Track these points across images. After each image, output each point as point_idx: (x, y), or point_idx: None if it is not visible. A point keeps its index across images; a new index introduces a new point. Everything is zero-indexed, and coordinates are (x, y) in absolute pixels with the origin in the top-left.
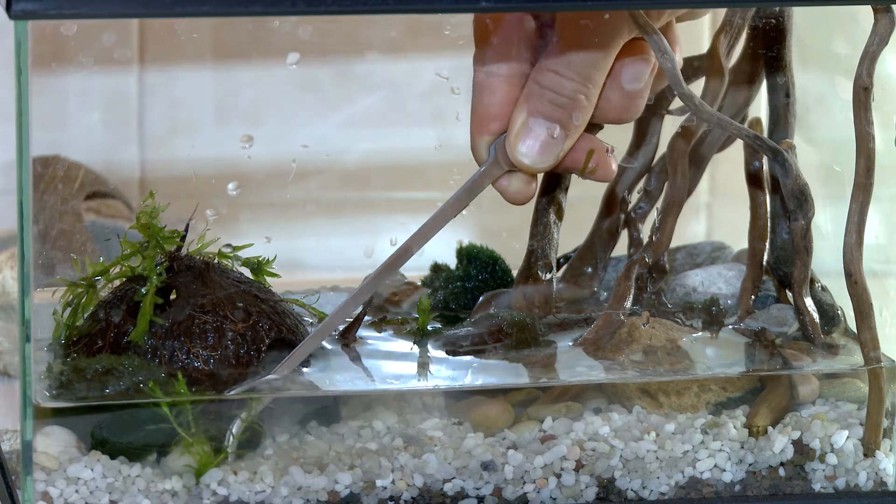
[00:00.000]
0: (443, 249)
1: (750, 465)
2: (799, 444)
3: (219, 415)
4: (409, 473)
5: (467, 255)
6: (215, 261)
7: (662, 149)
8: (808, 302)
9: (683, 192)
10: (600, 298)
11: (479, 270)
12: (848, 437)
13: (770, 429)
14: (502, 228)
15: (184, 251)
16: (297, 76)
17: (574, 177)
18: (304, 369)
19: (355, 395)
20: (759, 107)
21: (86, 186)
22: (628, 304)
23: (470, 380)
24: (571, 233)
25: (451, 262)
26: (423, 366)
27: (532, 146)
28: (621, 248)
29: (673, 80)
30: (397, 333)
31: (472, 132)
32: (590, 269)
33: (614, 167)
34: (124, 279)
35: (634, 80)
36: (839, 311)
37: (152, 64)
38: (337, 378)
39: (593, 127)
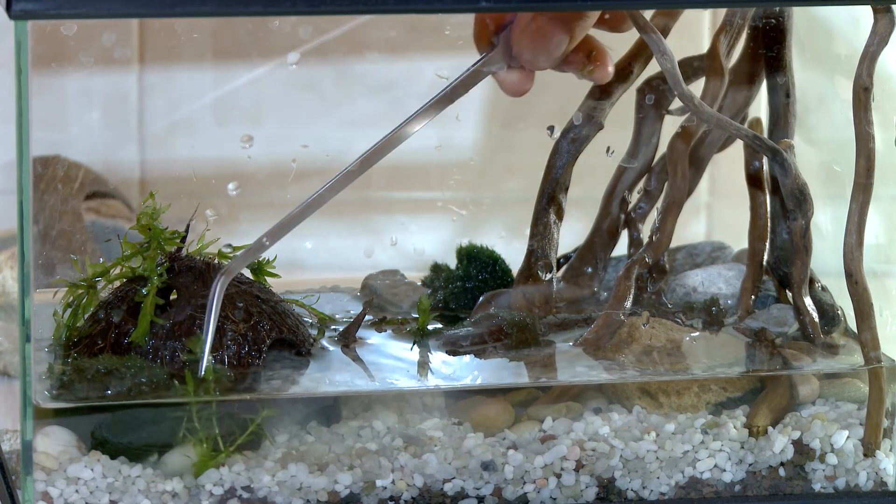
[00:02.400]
0: (443, 249)
1: (750, 465)
2: (799, 444)
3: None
4: (409, 473)
5: (467, 255)
6: (216, 261)
7: (662, 149)
8: (808, 302)
9: (683, 192)
10: (600, 298)
11: (479, 270)
12: (848, 437)
13: (770, 429)
14: (502, 228)
15: (184, 251)
16: (297, 76)
17: (574, 176)
18: (304, 370)
19: (355, 395)
20: (759, 107)
21: (86, 186)
22: (628, 304)
23: (470, 380)
24: (571, 233)
25: (451, 262)
26: (423, 366)
27: (537, 41)
28: (621, 248)
29: (673, 81)
30: (397, 333)
31: (477, 20)
32: (590, 269)
33: (610, 70)
34: (125, 280)
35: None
36: (839, 311)
37: (152, 64)
38: (337, 378)
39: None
